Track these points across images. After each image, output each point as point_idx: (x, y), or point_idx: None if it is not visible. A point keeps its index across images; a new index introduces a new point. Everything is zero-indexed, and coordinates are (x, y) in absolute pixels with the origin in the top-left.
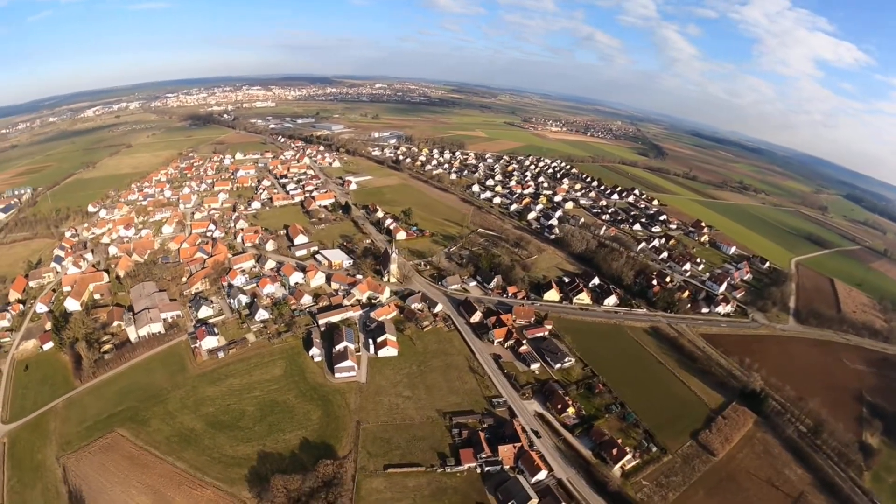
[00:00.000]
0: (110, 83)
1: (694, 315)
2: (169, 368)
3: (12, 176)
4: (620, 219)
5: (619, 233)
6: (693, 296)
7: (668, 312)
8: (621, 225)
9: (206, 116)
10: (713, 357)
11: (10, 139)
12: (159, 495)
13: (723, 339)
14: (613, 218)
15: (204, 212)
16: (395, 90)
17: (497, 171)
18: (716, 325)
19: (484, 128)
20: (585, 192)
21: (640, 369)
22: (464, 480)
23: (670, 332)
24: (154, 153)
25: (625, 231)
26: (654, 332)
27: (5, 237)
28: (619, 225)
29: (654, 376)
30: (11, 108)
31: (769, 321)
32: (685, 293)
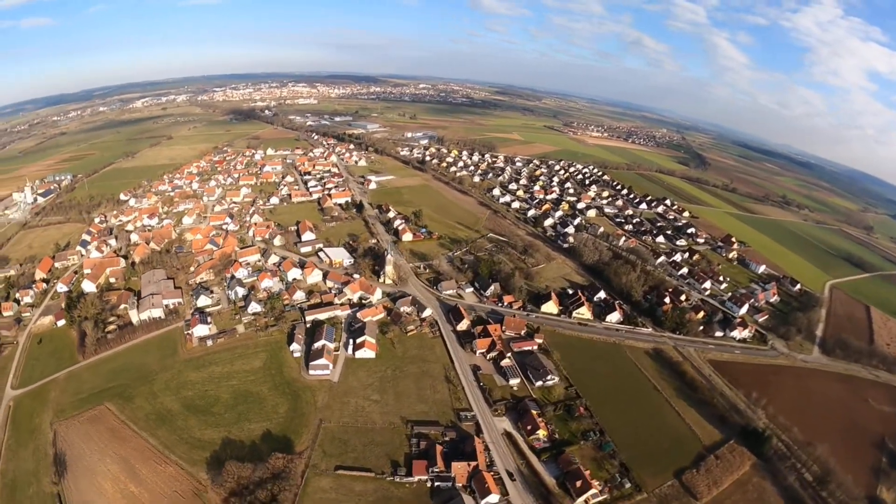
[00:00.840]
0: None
1: (705, 338)
2: (162, 352)
3: (57, 162)
4: (644, 230)
5: (640, 244)
6: (708, 317)
7: (677, 334)
8: (643, 236)
9: (247, 111)
10: (718, 387)
11: (60, 126)
12: (128, 466)
13: (733, 368)
14: (636, 228)
15: (224, 205)
16: (438, 91)
17: (524, 175)
18: (728, 352)
19: (521, 131)
20: (612, 200)
21: (631, 394)
22: (411, 492)
23: (674, 355)
24: (191, 146)
25: (646, 243)
26: (656, 355)
27: (41, 220)
28: (642, 236)
29: (646, 404)
30: (65, 97)
31: (790, 350)
32: (699, 314)
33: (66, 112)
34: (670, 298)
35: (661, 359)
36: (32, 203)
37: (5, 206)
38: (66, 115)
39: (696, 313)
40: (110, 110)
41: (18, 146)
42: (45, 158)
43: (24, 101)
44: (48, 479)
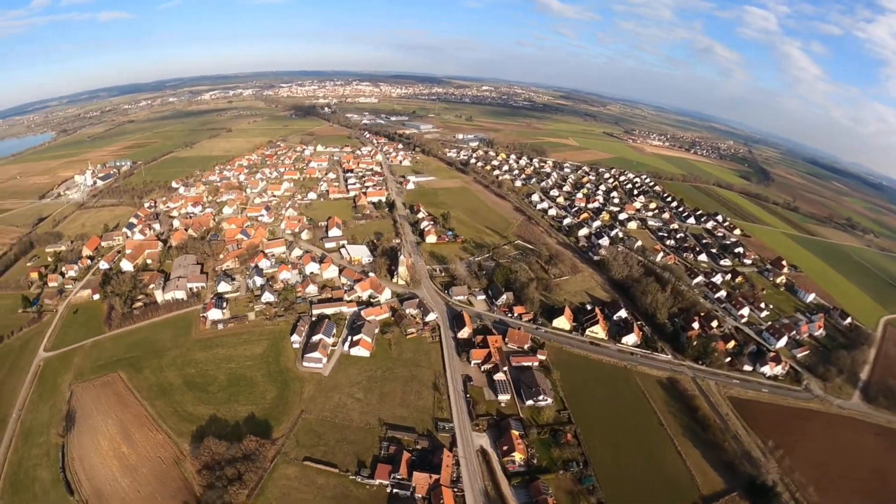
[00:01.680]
0: (232, 70)
1: (730, 372)
2: (177, 331)
3: (121, 148)
4: (687, 246)
5: (679, 262)
6: (738, 348)
7: (699, 364)
8: (684, 253)
9: (307, 108)
10: (733, 428)
11: (129, 114)
12: (125, 429)
13: (756, 408)
14: (679, 244)
15: (265, 197)
16: (500, 93)
17: (569, 181)
18: (754, 389)
19: (578, 136)
20: (659, 212)
21: (630, 426)
22: (370, 494)
23: (690, 387)
24: (248, 139)
25: (686, 261)
26: (670, 385)
27: (97, 202)
28: (682, 253)
29: (646, 439)
30: (139, 86)
31: (826, 393)
32: (729, 343)
33: (138, 101)
34: (699, 323)
35: (675, 390)
36: (91, 185)
37: (67, 187)
38: (137, 103)
39: (725, 342)
40: (179, 101)
41: (88, 131)
42: (110, 144)
43: (100, 89)
44: (56, 431)
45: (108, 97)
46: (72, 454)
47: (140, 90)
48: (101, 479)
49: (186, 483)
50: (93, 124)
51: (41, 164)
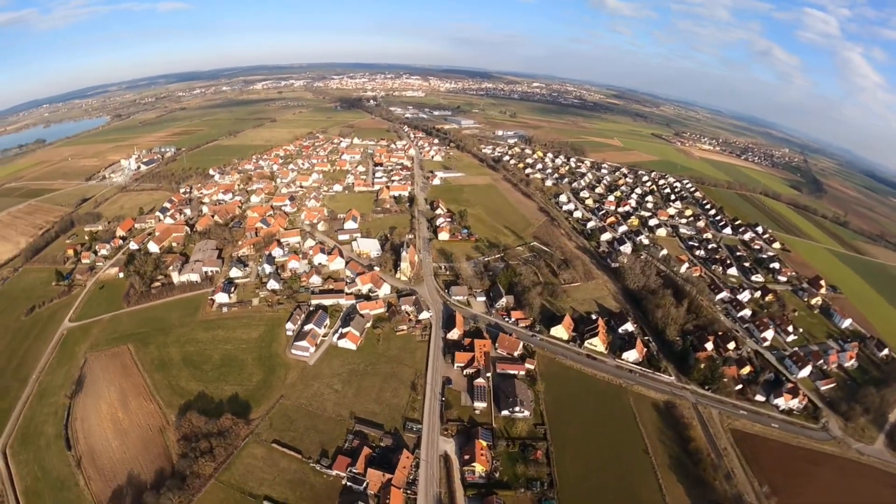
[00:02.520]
0: (287, 61)
1: (738, 401)
2: (186, 311)
3: (169, 135)
4: (717, 258)
5: (705, 274)
6: (753, 374)
7: (705, 389)
8: (713, 265)
9: (353, 100)
10: (727, 465)
11: (182, 102)
12: (123, 397)
13: (760, 445)
14: (709, 255)
15: (293, 188)
16: (550, 90)
17: (603, 183)
18: (763, 423)
19: (624, 136)
20: (694, 220)
21: (612, 451)
22: (326, 484)
23: (688, 414)
24: (290, 129)
25: (714, 273)
26: (666, 410)
27: (139, 185)
28: (711, 265)
29: (626, 467)
30: (196, 74)
31: (846, 434)
32: (744, 368)
33: (192, 89)
34: (714, 344)
35: (670, 416)
36: (135, 170)
37: (112, 171)
38: (192, 91)
39: (738, 367)
40: (231, 90)
41: (141, 117)
42: (160, 130)
43: (158, 76)
44: (65, 393)
45: (165, 84)
46: (75, 414)
47: (197, 78)
48: (96, 438)
49: (166, 450)
50: (146, 110)
51: (92, 148)
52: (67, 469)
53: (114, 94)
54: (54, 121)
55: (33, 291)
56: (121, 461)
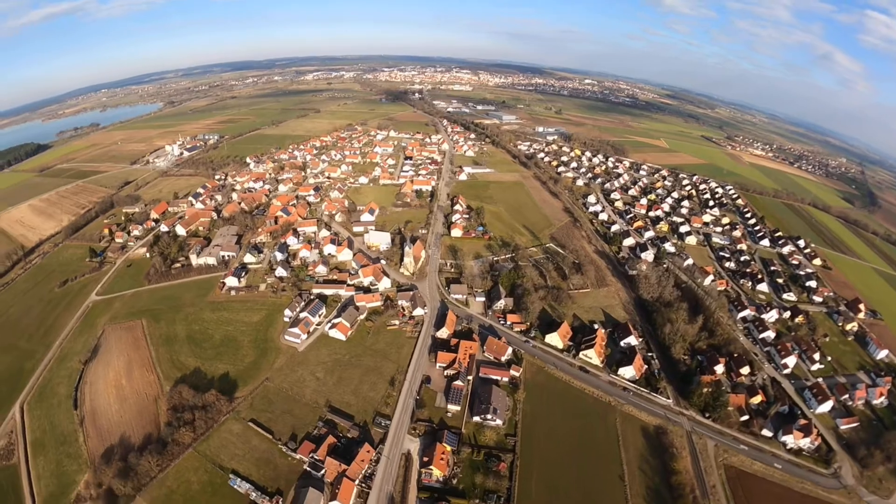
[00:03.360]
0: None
1: (741, 433)
2: (198, 292)
3: (215, 122)
4: (748, 271)
5: (732, 288)
6: (764, 405)
7: (705, 416)
8: (742, 279)
9: (398, 93)
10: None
11: (234, 90)
12: (129, 367)
13: (757, 486)
14: (739, 268)
15: (320, 178)
16: (602, 88)
17: (640, 184)
18: (765, 462)
19: (672, 138)
20: (730, 229)
21: (583, 474)
22: (289, 466)
23: (680, 444)
24: (331, 121)
25: (741, 288)
26: (655, 436)
27: (179, 171)
28: (740, 279)
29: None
30: (251, 63)
31: (859, 484)
32: (755, 397)
33: (245, 78)
34: (726, 367)
35: (658, 444)
36: (178, 156)
37: (157, 156)
38: (244, 80)
39: (748, 396)
40: (282, 80)
41: (192, 104)
42: (208, 118)
43: (214, 64)
44: (79, 359)
45: (220, 72)
46: (86, 379)
47: (251, 67)
48: (99, 402)
49: (156, 418)
50: (199, 98)
51: (142, 133)
52: (71, 426)
53: (170, 81)
54: (111, 105)
55: (68, 266)
56: (117, 423)
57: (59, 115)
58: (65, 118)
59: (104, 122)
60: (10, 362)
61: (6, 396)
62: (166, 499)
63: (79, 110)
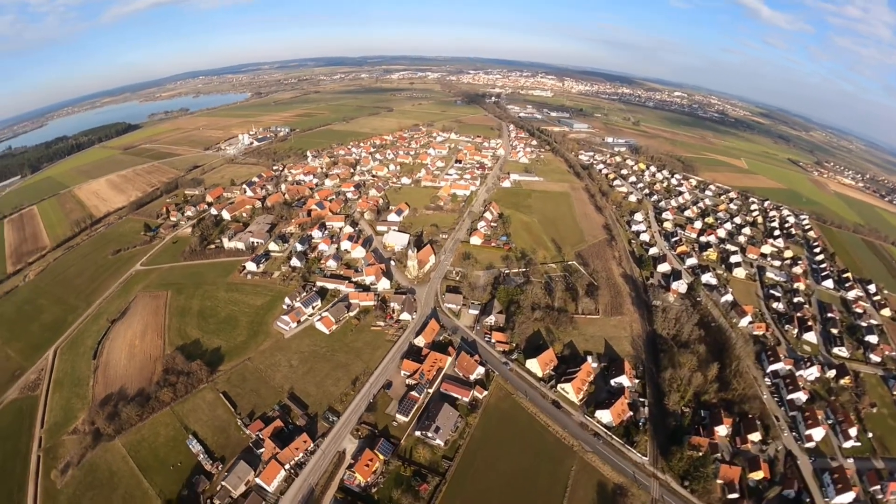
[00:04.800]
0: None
1: None
2: (221, 272)
3: (292, 115)
4: (800, 315)
5: (772, 334)
6: (764, 484)
7: (683, 485)
8: (788, 324)
9: (475, 96)
10: None
11: (320, 85)
12: (144, 330)
13: None
14: (787, 310)
15: (366, 176)
16: (691, 101)
17: (700, 205)
18: None
19: (754, 158)
20: (791, 264)
21: None
22: (238, 439)
23: None
24: (399, 120)
25: (785, 335)
26: (611, 496)
27: (244, 159)
28: (786, 323)
29: None
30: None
31: None
32: (755, 473)
33: (335, 74)
34: (733, 429)
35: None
36: (248, 145)
37: (229, 143)
38: (332, 76)
39: (748, 470)
40: (369, 78)
41: (276, 96)
42: (287, 110)
43: (307, 59)
44: (108, 318)
45: (312, 67)
46: (109, 335)
47: (343, 63)
48: (113, 356)
49: (152, 376)
50: (285, 90)
51: (223, 120)
52: (87, 373)
53: (264, 72)
54: (204, 92)
55: (125, 237)
56: (121, 376)
57: (156, 97)
58: (160, 101)
59: (193, 107)
60: (57, 313)
61: (47, 340)
62: (136, 444)
63: (174, 95)
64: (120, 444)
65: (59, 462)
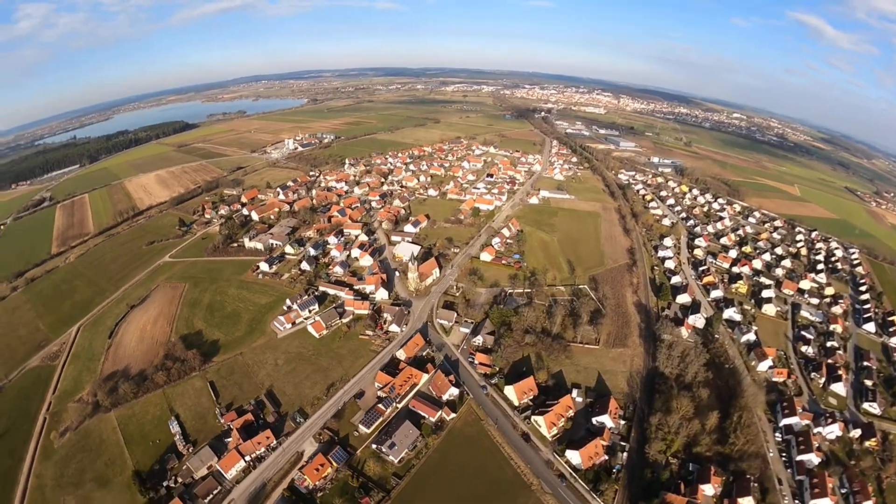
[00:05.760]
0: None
1: None
2: (236, 270)
3: (342, 122)
4: (831, 363)
5: (795, 382)
6: None
7: None
8: (815, 372)
9: (525, 110)
10: None
11: (375, 95)
12: (157, 317)
13: None
14: (817, 356)
15: (395, 186)
16: (750, 124)
17: (740, 233)
18: None
19: (809, 185)
20: (831, 302)
21: None
22: (213, 426)
23: None
24: (443, 132)
25: (810, 385)
26: None
27: (285, 163)
28: (812, 371)
29: None
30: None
31: None
32: None
33: (392, 84)
34: (724, 489)
35: None
36: (292, 149)
37: (275, 147)
38: (389, 86)
39: None
40: (424, 89)
41: (331, 104)
42: (337, 118)
43: (367, 68)
44: (128, 303)
45: (372, 76)
46: (127, 319)
47: (402, 74)
48: (126, 337)
49: (153, 360)
50: (340, 98)
51: (275, 125)
52: (100, 350)
53: (324, 79)
54: (264, 96)
55: (161, 230)
56: (128, 356)
57: (218, 98)
58: (221, 102)
59: (251, 110)
60: (88, 294)
61: (74, 318)
62: (127, 418)
63: (235, 97)
64: (114, 416)
65: (60, 425)
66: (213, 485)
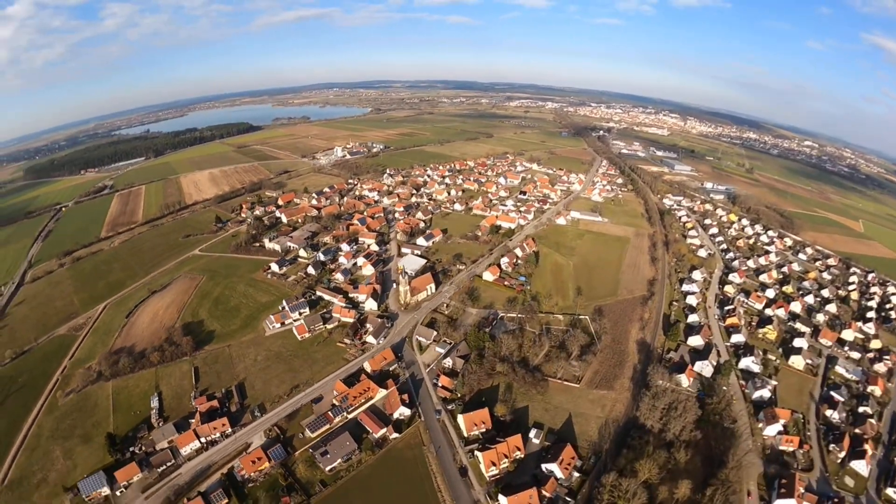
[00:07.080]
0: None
1: None
2: (251, 268)
3: (395, 133)
4: (857, 433)
5: (807, 454)
6: None
7: None
8: (835, 444)
9: (583, 128)
10: None
11: (438, 107)
12: (171, 303)
13: None
14: (842, 423)
15: (423, 199)
16: (821, 152)
17: (785, 270)
18: None
19: (876, 221)
20: (876, 358)
21: None
22: (184, 407)
23: None
24: (493, 147)
25: (825, 459)
26: None
27: (330, 170)
28: (832, 442)
29: None
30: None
31: None
32: None
33: (457, 97)
34: None
35: None
36: (340, 157)
37: (325, 154)
38: (454, 99)
39: None
40: (487, 103)
41: (392, 114)
42: (393, 128)
43: (437, 80)
44: (150, 288)
45: (441, 88)
46: (146, 301)
47: (472, 88)
48: (139, 319)
49: (156, 341)
50: (402, 109)
51: (333, 132)
52: (117, 327)
53: (393, 90)
54: (332, 103)
55: (199, 225)
56: (137, 335)
57: (288, 103)
58: (290, 107)
59: (315, 116)
60: (120, 277)
61: (104, 296)
62: (120, 389)
63: (304, 102)
64: (111, 385)
65: (67, 387)
66: (167, 457)
